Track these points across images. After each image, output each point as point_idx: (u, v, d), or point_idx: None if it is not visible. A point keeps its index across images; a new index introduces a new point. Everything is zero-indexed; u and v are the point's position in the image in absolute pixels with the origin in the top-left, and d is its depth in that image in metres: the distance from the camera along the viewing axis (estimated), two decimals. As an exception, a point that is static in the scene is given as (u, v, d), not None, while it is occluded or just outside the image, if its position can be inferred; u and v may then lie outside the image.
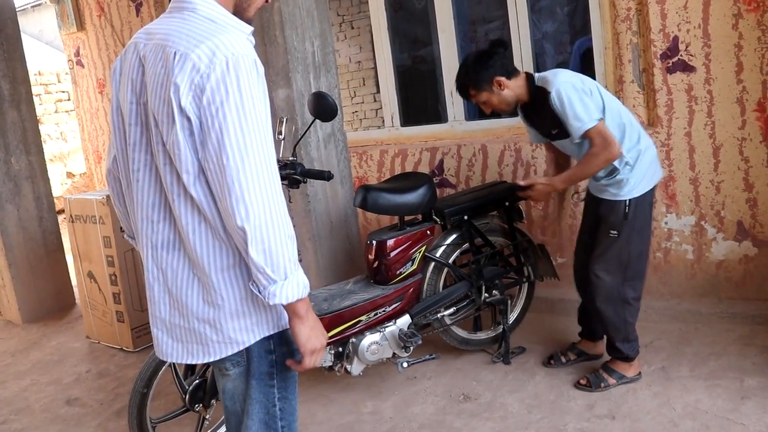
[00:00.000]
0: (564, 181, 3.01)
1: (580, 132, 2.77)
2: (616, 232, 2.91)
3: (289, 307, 1.54)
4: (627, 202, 2.88)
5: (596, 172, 2.86)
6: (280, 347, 1.67)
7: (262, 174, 1.42)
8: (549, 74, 2.91)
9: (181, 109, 1.42)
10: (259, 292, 1.51)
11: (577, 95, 2.77)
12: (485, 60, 2.97)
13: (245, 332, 1.60)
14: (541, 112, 2.96)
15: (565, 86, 2.79)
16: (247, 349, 1.63)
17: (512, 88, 2.97)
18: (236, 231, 1.44)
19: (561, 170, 3.25)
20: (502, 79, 2.94)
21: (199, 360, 1.64)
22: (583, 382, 3.06)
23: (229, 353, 1.62)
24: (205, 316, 1.59)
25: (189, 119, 1.43)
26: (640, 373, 3.07)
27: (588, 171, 2.87)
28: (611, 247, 2.94)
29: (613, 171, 2.88)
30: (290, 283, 1.49)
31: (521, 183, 3.10)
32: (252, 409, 1.68)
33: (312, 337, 1.58)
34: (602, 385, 3.02)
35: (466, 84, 3.03)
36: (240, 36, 1.50)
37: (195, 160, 1.46)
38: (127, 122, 1.59)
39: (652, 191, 2.96)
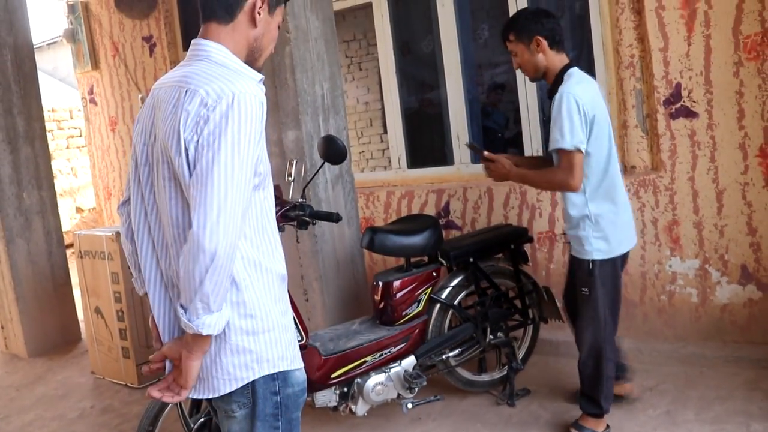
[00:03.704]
0: (518, 177, 2.95)
1: (553, 145, 2.70)
2: (586, 290, 2.85)
3: (204, 341, 1.53)
4: (590, 263, 2.81)
5: (546, 189, 2.93)
6: (285, 389, 1.68)
7: (239, 207, 1.47)
8: (575, 75, 2.79)
9: (185, 142, 1.49)
10: (186, 316, 1.49)
11: (574, 112, 2.65)
12: (541, 16, 2.84)
13: (244, 368, 1.61)
14: (550, 101, 2.84)
15: (570, 97, 2.67)
16: (253, 390, 1.64)
17: (548, 58, 2.82)
18: (199, 256, 1.44)
19: (531, 163, 3.19)
20: (544, 42, 2.79)
21: (201, 395, 1.64)
22: None
23: (229, 389, 1.62)
24: (208, 351, 1.59)
25: (188, 150, 1.49)
26: (608, 426, 2.99)
27: (541, 182, 2.93)
28: (585, 305, 2.88)
29: (573, 221, 2.83)
30: (222, 317, 1.51)
31: (487, 154, 2.98)
32: None
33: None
34: None
35: (510, 27, 2.88)
36: (251, 81, 1.58)
37: None
38: (140, 163, 1.66)
39: (618, 259, 2.86)
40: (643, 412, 3.18)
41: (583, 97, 2.67)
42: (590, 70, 4.02)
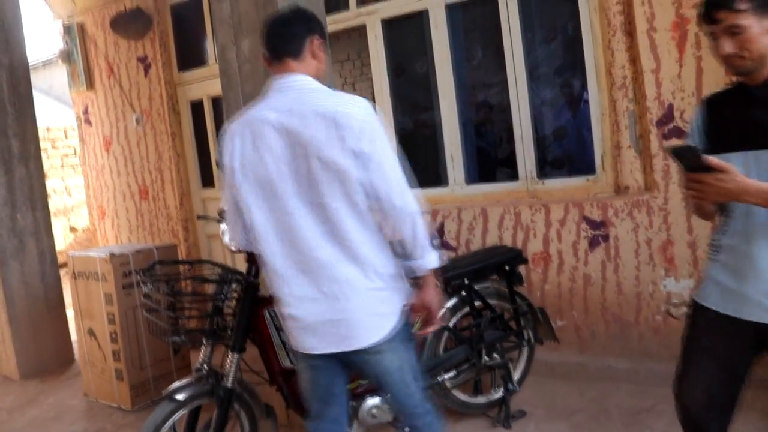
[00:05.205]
0: (761, 194, 1.82)
1: None
2: None
3: (432, 276, 2.19)
4: None
5: None
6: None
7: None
8: None
9: (352, 148, 2.00)
10: (419, 263, 2.14)
11: None
12: None
13: (400, 307, 2.17)
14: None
15: None
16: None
17: None
18: (406, 219, 2.05)
19: (699, 210, 2.12)
20: None
21: (380, 337, 2.12)
22: None
23: (394, 324, 2.15)
24: (380, 301, 2.12)
25: (356, 154, 2.00)
26: None
27: None
28: None
29: None
30: (435, 252, 2.17)
31: (711, 161, 1.80)
32: (408, 371, 2.24)
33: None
34: None
35: None
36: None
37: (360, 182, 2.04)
38: (276, 180, 2.07)
39: None
40: (639, 433, 3.17)
41: None
42: (583, 91, 4.06)
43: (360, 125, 2.02)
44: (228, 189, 2.21)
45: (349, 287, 2.09)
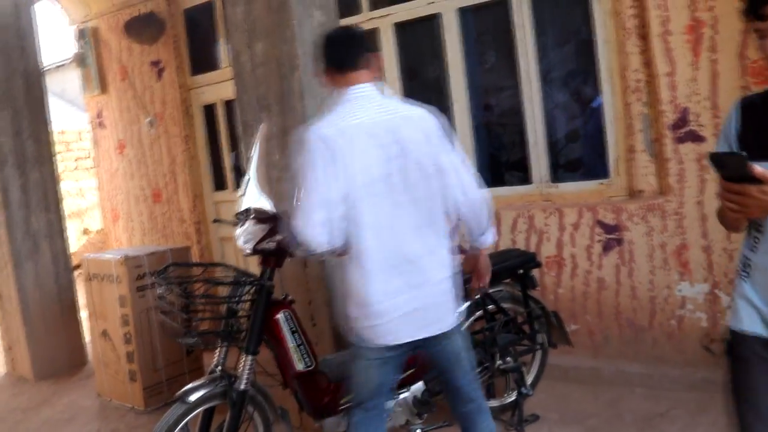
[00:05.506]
0: None
1: None
2: None
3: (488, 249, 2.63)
4: None
5: None
6: None
7: None
8: None
9: (440, 149, 2.32)
10: (483, 237, 2.53)
11: None
12: None
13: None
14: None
15: None
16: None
17: None
18: (481, 205, 2.42)
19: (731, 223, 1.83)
20: None
21: (452, 324, 2.40)
22: None
23: (458, 308, 2.45)
24: (451, 288, 2.39)
25: (442, 153, 2.33)
26: None
27: None
28: None
29: None
30: (493, 229, 2.57)
31: (757, 171, 1.52)
32: (469, 352, 2.52)
33: None
34: None
35: None
36: None
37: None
38: (383, 178, 2.24)
39: None
40: (653, 438, 3.15)
41: None
42: (597, 95, 4.04)
43: (437, 128, 2.34)
44: (323, 188, 2.20)
45: (433, 277, 2.32)
